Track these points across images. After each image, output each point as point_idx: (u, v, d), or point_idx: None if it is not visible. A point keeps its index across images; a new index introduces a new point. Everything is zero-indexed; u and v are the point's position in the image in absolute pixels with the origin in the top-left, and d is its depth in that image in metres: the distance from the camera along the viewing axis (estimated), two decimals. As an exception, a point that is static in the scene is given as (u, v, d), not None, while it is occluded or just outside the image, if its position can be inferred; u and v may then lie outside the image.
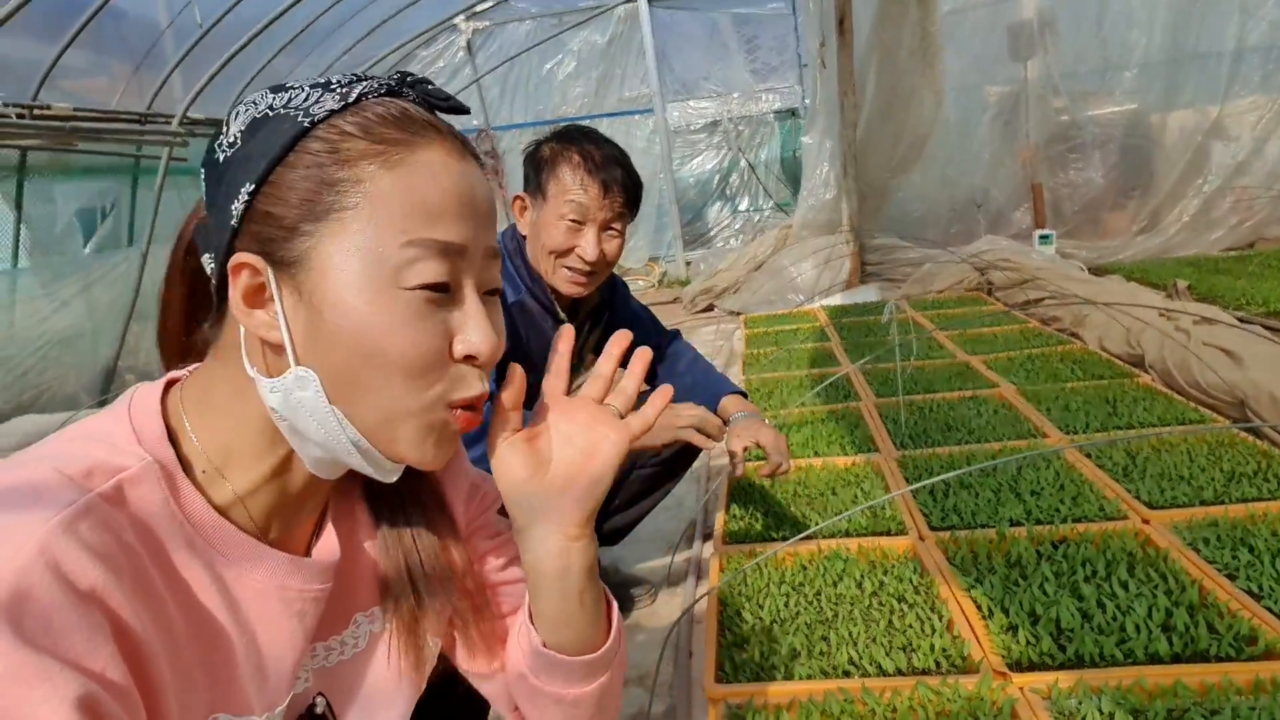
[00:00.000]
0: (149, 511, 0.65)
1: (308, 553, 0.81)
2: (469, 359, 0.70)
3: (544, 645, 0.84)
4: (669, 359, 2.16)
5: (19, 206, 4.71)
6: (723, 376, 2.14)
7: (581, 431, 0.79)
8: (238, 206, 0.68)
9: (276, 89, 0.71)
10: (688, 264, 8.89)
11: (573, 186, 1.75)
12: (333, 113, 0.68)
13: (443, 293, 0.68)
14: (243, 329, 0.70)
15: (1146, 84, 6.58)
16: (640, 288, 8.75)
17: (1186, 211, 6.36)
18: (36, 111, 4.59)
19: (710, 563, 2.07)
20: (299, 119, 0.68)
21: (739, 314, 6.25)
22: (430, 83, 0.76)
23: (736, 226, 9.36)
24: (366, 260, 0.66)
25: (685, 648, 1.90)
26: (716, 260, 7.32)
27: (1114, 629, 1.56)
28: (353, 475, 0.86)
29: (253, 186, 0.67)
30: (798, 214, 6.93)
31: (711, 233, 9.40)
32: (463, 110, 0.77)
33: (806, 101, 8.00)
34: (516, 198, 1.86)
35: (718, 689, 1.54)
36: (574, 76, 8.92)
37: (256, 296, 0.68)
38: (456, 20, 8.45)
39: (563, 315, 1.90)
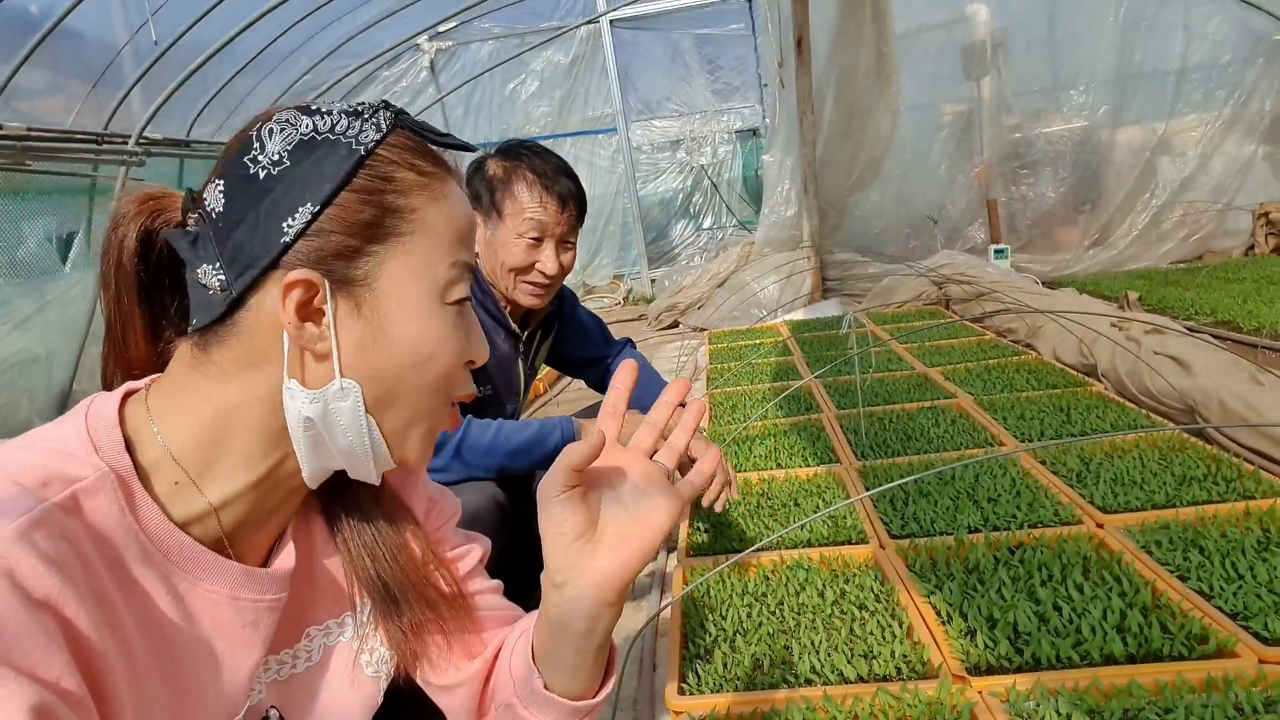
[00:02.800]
0: (104, 522, 0.65)
1: (266, 564, 0.81)
2: (469, 363, 0.83)
3: (545, 688, 0.83)
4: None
5: (-32, 228, 4.61)
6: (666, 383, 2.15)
7: (634, 495, 0.76)
8: (292, 224, 0.71)
9: (306, 111, 0.75)
10: (652, 281, 8.93)
11: (530, 204, 1.77)
12: (377, 143, 0.75)
13: (463, 306, 0.81)
14: (287, 342, 0.72)
15: (1096, 101, 6.76)
16: (605, 305, 8.77)
17: (1136, 225, 6.52)
18: (-13, 132, 4.51)
19: (674, 575, 2.07)
20: (354, 147, 0.74)
21: (703, 330, 6.28)
22: (407, 114, 0.84)
23: (700, 244, 9.45)
24: (423, 280, 0.76)
25: (649, 661, 1.90)
26: (681, 277, 7.37)
27: (1070, 631, 1.58)
28: (311, 491, 0.87)
29: (317, 208, 0.72)
30: (760, 231, 7.00)
31: (676, 250, 9.47)
32: (469, 148, 0.93)
33: (767, 121, 8.10)
34: None
35: (679, 701, 1.53)
36: (537, 96, 8.97)
37: (306, 309, 0.72)
38: (419, 40, 8.46)
39: (515, 327, 1.90)
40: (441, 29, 8.45)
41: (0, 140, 4.40)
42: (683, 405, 0.84)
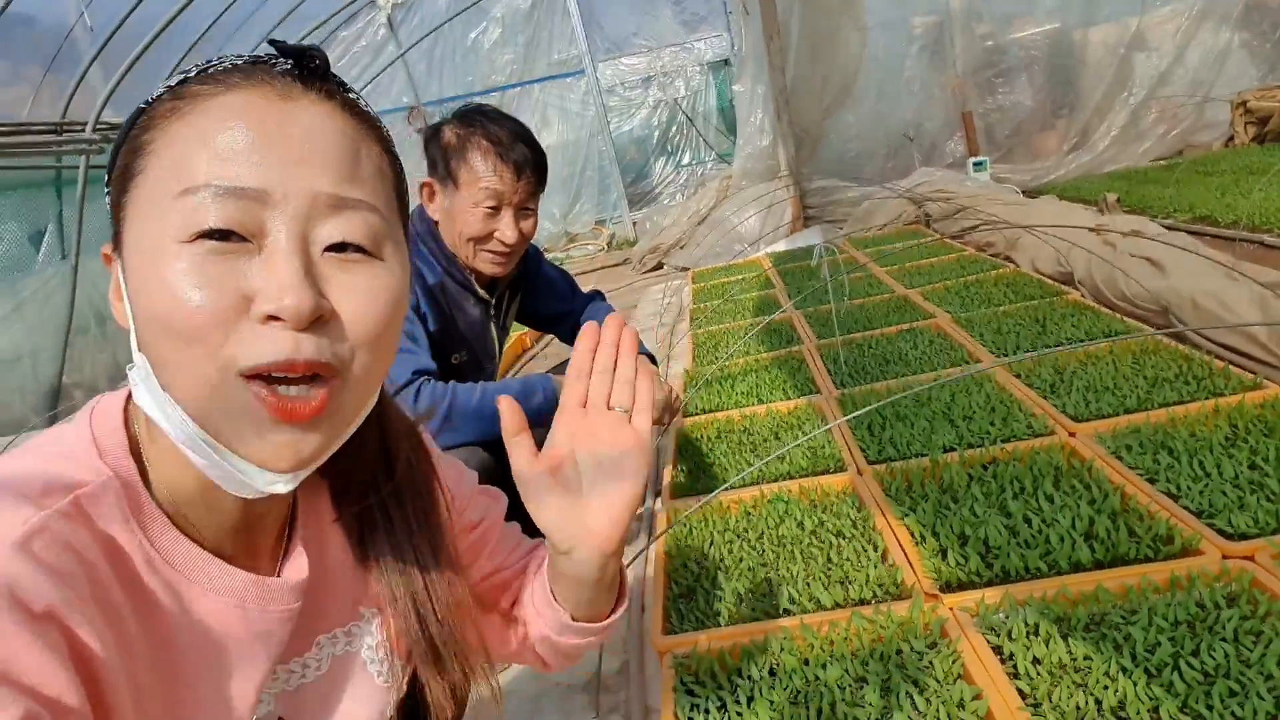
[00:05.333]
0: (108, 528, 0.63)
1: (278, 573, 0.78)
2: (272, 318, 0.60)
3: (572, 619, 0.92)
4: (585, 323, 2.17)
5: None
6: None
7: (607, 451, 0.80)
8: (108, 202, 0.66)
9: None
10: (634, 224, 8.87)
11: (485, 173, 1.75)
12: (169, 87, 0.64)
13: (230, 241, 0.60)
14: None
15: (1067, 1, 6.63)
16: (589, 253, 8.72)
17: (1114, 126, 6.46)
18: (-60, 130, 4.45)
19: (659, 518, 2.11)
20: (139, 105, 0.65)
21: (687, 270, 6.26)
22: (310, 48, 0.67)
23: (681, 181, 9.35)
24: (150, 216, 0.61)
25: (638, 603, 1.94)
26: (662, 218, 7.31)
27: (1039, 542, 1.61)
28: (320, 495, 0.85)
29: (107, 179, 0.66)
30: (736, 163, 6.93)
31: (656, 190, 9.38)
32: (317, 65, 0.68)
33: (736, 50, 7.96)
34: (424, 184, 1.85)
35: (664, 641, 1.57)
36: (500, 44, 8.80)
37: (119, 288, 0.65)
38: (374, -4, 8.27)
39: (481, 291, 1.90)
40: (397, -18, 8.27)
41: (-46, 138, 4.32)
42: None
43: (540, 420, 1.67)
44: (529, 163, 1.78)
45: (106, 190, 0.66)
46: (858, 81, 6.65)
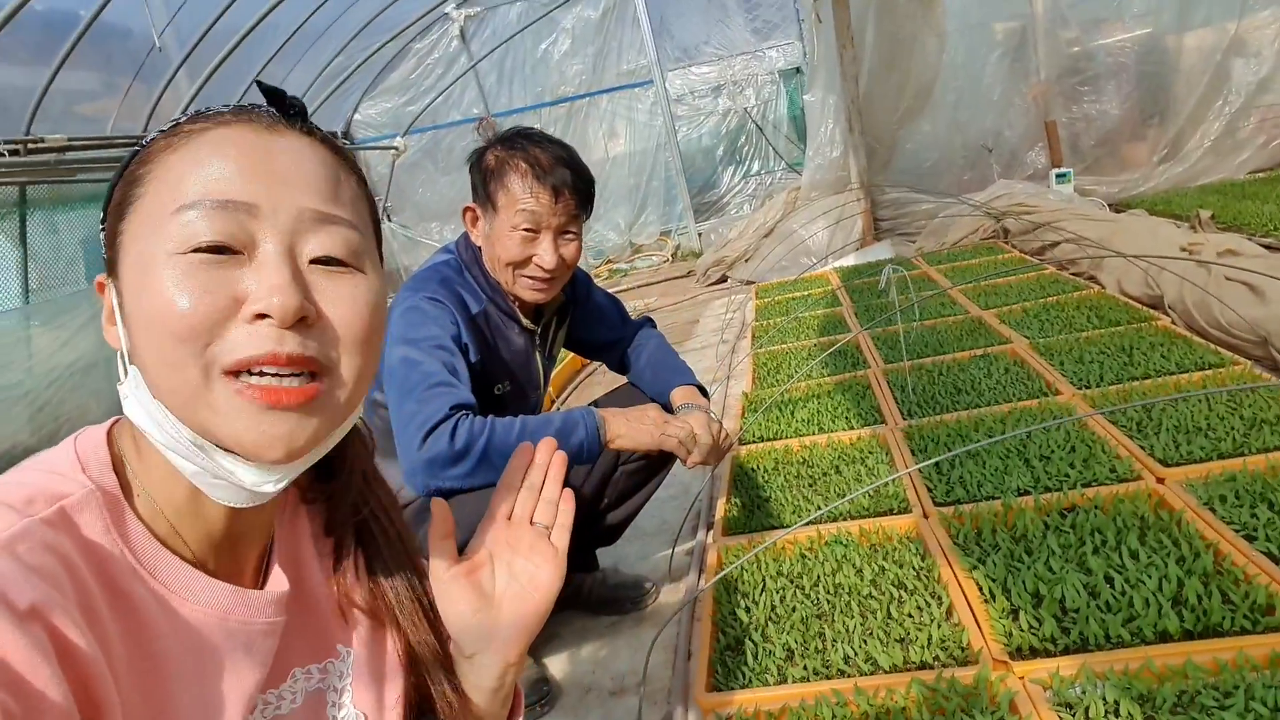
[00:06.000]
0: (91, 538, 0.64)
1: (260, 589, 0.79)
2: (260, 317, 0.64)
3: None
4: (633, 354, 2.10)
5: (24, 243, 4.75)
6: (682, 365, 2.06)
7: (523, 564, 0.86)
8: (102, 235, 0.70)
9: None
10: (700, 235, 8.77)
11: (522, 195, 1.70)
12: (162, 131, 0.69)
13: (223, 254, 0.64)
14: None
15: (1159, 5, 6.32)
16: (654, 264, 8.66)
17: (1209, 136, 6.11)
18: (30, 145, 4.61)
19: (709, 556, 2.02)
20: (135, 147, 0.70)
21: (751, 283, 6.15)
22: (290, 96, 0.73)
23: (749, 191, 9.21)
24: (147, 235, 0.65)
25: (684, 649, 1.85)
26: (727, 230, 7.20)
27: (1122, 605, 1.48)
28: (299, 525, 0.87)
29: (103, 215, 0.69)
30: (805, 175, 6.78)
31: (724, 200, 9.26)
32: (296, 110, 0.73)
33: (808, 59, 7.81)
34: (466, 208, 1.80)
35: (708, 698, 1.49)
36: (570, 55, 8.79)
37: (112, 311, 0.69)
38: (448, 9, 8.34)
39: (526, 320, 1.84)
40: (468, -6, 8.34)
41: (42, 152, 4.48)
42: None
43: (580, 459, 1.61)
44: (569, 185, 1.72)
45: (102, 224, 0.70)
46: (935, 89, 6.43)
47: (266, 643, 0.75)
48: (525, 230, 1.69)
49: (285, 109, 0.72)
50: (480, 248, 1.80)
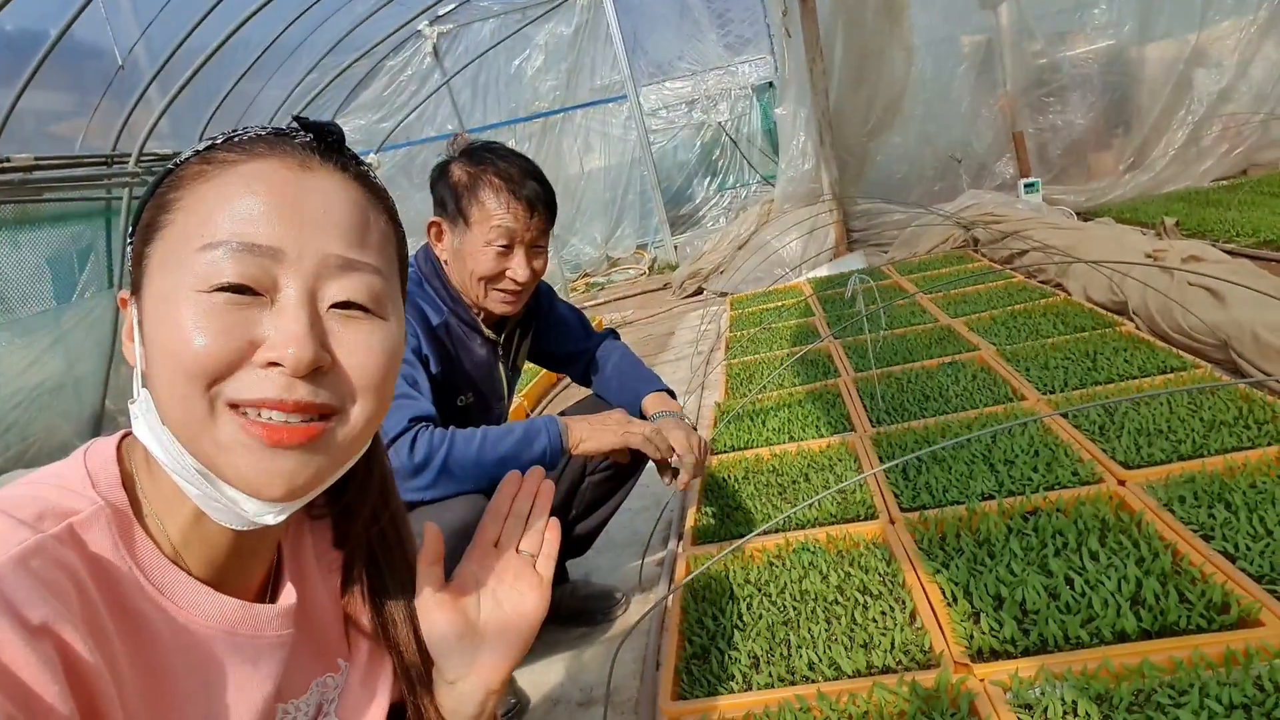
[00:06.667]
0: (100, 555, 0.65)
1: (263, 600, 0.80)
2: (273, 364, 0.64)
3: None
4: (598, 364, 2.10)
5: (-11, 262, 4.68)
6: (649, 374, 2.06)
7: (508, 591, 0.86)
8: (128, 253, 0.71)
9: None
10: (676, 248, 8.80)
11: (497, 211, 1.70)
12: (197, 151, 0.69)
13: (245, 294, 0.64)
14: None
15: (1121, 18, 6.44)
16: (631, 276, 8.68)
17: (1173, 144, 6.22)
18: (-5, 164, 4.55)
19: (679, 565, 2.02)
20: (169, 165, 0.70)
21: (727, 295, 6.17)
22: (328, 124, 0.74)
23: (724, 204, 9.27)
24: (172, 267, 0.65)
25: (654, 660, 1.85)
26: (702, 242, 7.23)
27: (1081, 606, 1.49)
28: (303, 544, 0.88)
29: (131, 230, 0.70)
30: (778, 187, 6.83)
31: (700, 213, 9.32)
32: (334, 139, 0.74)
33: (780, 73, 7.88)
34: (432, 223, 1.80)
35: (673, 707, 1.48)
36: (543, 71, 8.83)
37: (132, 329, 0.70)
38: (420, 25, 8.36)
39: (488, 331, 1.84)
40: (441, 11, 8.34)
41: (8, 172, 4.43)
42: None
43: (547, 465, 1.61)
44: (540, 200, 1.73)
45: (129, 240, 0.71)
46: (904, 102, 6.50)
47: (275, 655, 0.76)
48: (500, 245, 1.70)
49: (323, 139, 0.72)
50: (445, 261, 1.80)
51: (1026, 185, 6.09)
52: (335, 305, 0.68)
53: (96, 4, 4.49)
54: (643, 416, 1.93)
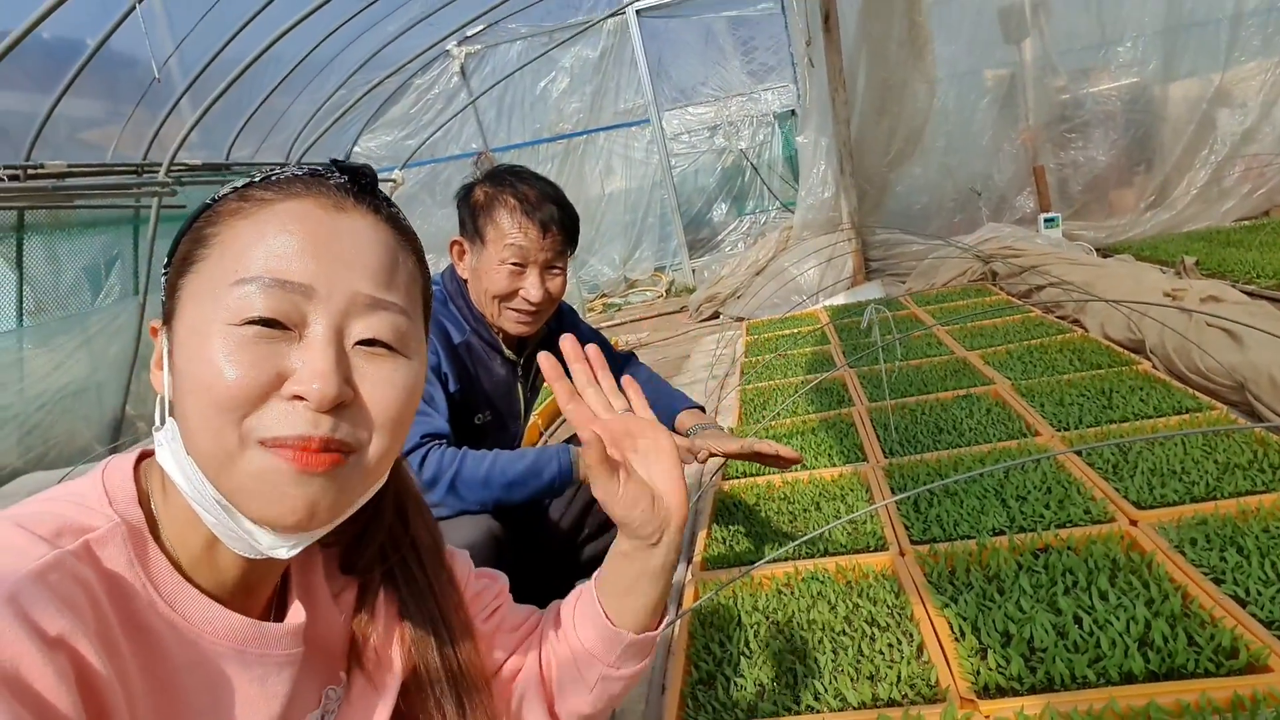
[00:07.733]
0: (115, 571, 0.67)
1: (270, 618, 0.81)
2: (298, 398, 0.67)
3: (634, 633, 0.97)
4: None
5: (20, 266, 4.77)
6: (679, 393, 2.10)
7: (642, 442, 0.93)
8: (164, 282, 0.74)
9: None
10: (694, 271, 8.84)
11: (511, 230, 1.74)
12: (235, 189, 0.73)
13: (276, 329, 0.67)
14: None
15: (1145, 56, 6.44)
16: (648, 299, 8.72)
17: (1195, 183, 6.20)
18: (30, 172, 4.65)
19: (687, 590, 2.03)
20: (207, 200, 0.73)
21: (743, 320, 6.19)
22: (362, 166, 0.77)
23: (744, 229, 9.30)
24: (205, 300, 0.68)
25: (659, 684, 1.85)
26: (722, 266, 7.27)
27: (1089, 645, 1.49)
28: (313, 569, 0.89)
29: (166, 261, 0.74)
30: (797, 214, 6.86)
31: (718, 238, 9.35)
32: (366, 182, 0.77)
33: (802, 101, 7.94)
34: (454, 242, 1.84)
35: (677, 732, 1.49)
36: (568, 93, 8.93)
37: (161, 357, 0.73)
38: (448, 45, 8.48)
39: (509, 351, 1.87)
40: (469, 32, 8.46)
41: (41, 179, 4.52)
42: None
43: (556, 492, 1.63)
44: (556, 221, 1.76)
45: (165, 271, 0.74)
46: (925, 134, 6.52)
47: (284, 673, 0.77)
48: (513, 265, 1.73)
49: (357, 181, 0.76)
50: (466, 280, 1.84)
51: (1047, 220, 6.10)
52: (361, 342, 0.71)
53: (135, 15, 4.59)
54: (678, 432, 1.95)
